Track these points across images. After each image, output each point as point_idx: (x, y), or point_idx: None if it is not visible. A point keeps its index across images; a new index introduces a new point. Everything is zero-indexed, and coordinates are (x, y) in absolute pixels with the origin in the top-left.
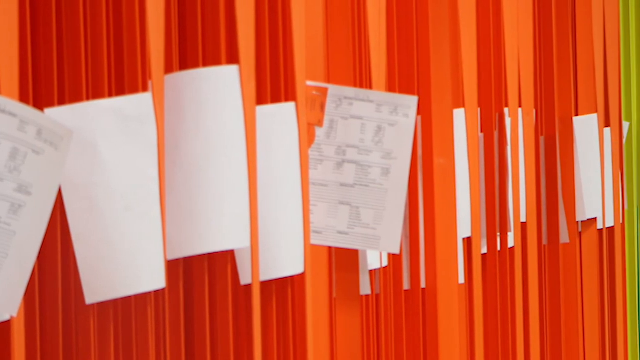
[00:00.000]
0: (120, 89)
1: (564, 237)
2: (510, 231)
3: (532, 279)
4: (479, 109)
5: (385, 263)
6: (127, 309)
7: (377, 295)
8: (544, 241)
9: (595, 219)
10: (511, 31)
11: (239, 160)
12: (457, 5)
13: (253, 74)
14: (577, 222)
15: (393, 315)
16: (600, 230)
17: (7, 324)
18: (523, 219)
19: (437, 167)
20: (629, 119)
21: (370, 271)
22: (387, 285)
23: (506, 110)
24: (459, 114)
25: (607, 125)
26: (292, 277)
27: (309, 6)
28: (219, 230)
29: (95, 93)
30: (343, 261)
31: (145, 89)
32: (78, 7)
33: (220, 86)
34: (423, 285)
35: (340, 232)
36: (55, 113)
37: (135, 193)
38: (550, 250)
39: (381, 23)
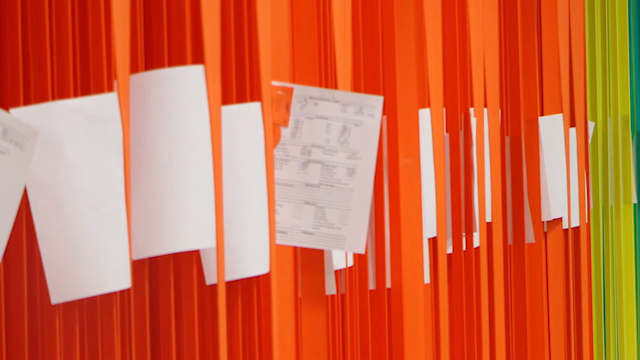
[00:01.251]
0: (85, 88)
1: (530, 237)
2: (475, 231)
3: (497, 279)
4: (444, 109)
5: (350, 263)
6: (92, 309)
7: (343, 295)
8: (510, 241)
9: (561, 219)
10: (477, 31)
11: (204, 160)
12: (423, 6)
13: (218, 73)
14: (543, 222)
15: (358, 315)
16: (566, 230)
17: None
18: (488, 219)
19: (402, 167)
20: (594, 119)
21: (336, 271)
22: (353, 285)
23: (472, 110)
24: (425, 114)
25: (573, 125)
26: (257, 277)
27: (274, 6)
28: (184, 230)
29: (61, 93)
30: (308, 261)
31: (110, 89)
32: (43, 7)
33: (185, 86)
34: (388, 285)
35: (305, 232)
36: (21, 113)
37: (101, 193)
38: (515, 250)
39: (346, 23)
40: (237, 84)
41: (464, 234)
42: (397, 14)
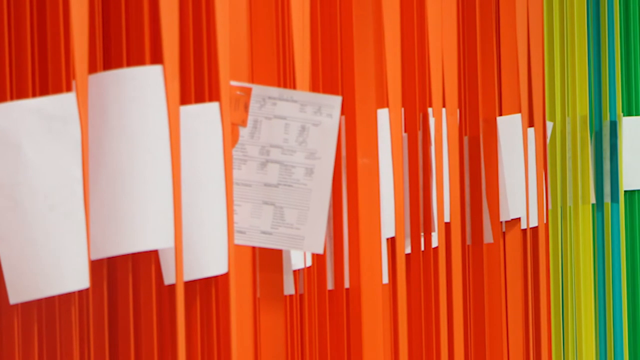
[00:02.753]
0: (44, 89)
1: (488, 237)
2: (434, 231)
3: (455, 278)
4: (402, 109)
5: (309, 263)
6: (51, 309)
7: (301, 295)
8: (468, 241)
9: (519, 219)
10: (435, 31)
11: (162, 160)
12: (381, 6)
13: (177, 74)
14: (501, 222)
15: (317, 315)
16: (524, 230)
17: None
18: (447, 219)
19: (360, 167)
20: (553, 119)
21: (294, 271)
22: (311, 285)
23: (430, 110)
24: (383, 114)
25: (531, 125)
26: (216, 277)
27: (232, 6)
28: (143, 230)
29: (19, 93)
30: (267, 261)
31: (69, 89)
32: (2, 7)
33: (144, 86)
34: (347, 285)
35: (264, 232)
36: None
37: (59, 193)
38: (474, 250)
39: (305, 23)
40: (196, 84)
41: (422, 234)
42: (355, 14)
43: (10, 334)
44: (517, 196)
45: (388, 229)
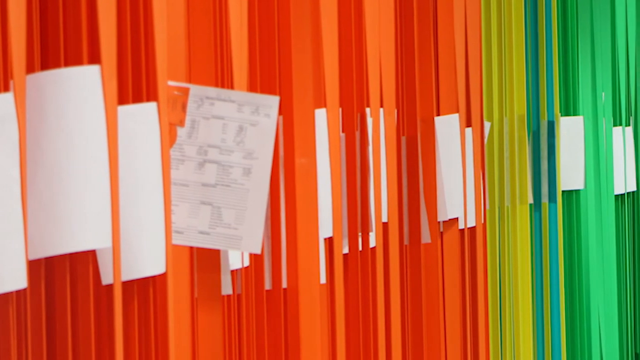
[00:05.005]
0: None
1: (426, 237)
2: (371, 231)
3: (393, 278)
4: (340, 109)
5: (246, 263)
6: None
7: (239, 295)
8: (406, 241)
9: (457, 219)
10: (372, 31)
11: (100, 160)
12: (319, 5)
13: (114, 73)
14: (439, 222)
15: (254, 315)
16: (462, 230)
17: None
18: (384, 219)
19: (298, 167)
20: (490, 118)
21: (232, 271)
22: (249, 285)
23: (368, 110)
24: (321, 114)
25: (469, 125)
26: (153, 277)
27: (170, 6)
28: (81, 230)
29: None
30: (204, 261)
31: (6, 89)
32: None
33: (81, 86)
34: (284, 285)
35: (201, 232)
36: None
37: None
38: (411, 250)
39: (242, 22)
40: (133, 84)
41: (360, 233)
42: (293, 13)
43: None
44: (455, 196)
45: (326, 229)
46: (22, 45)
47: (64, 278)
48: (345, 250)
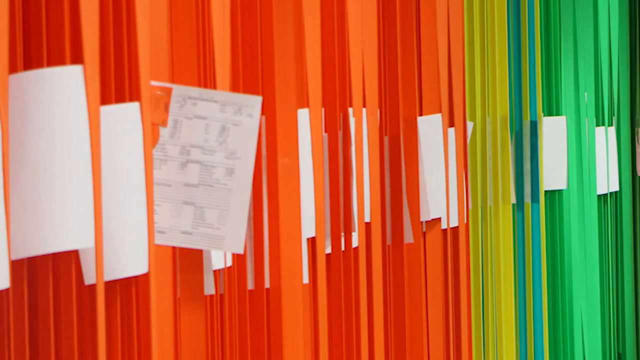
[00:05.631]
0: None
1: (408, 237)
2: (354, 231)
3: (376, 278)
4: (323, 109)
5: (229, 263)
6: None
7: (222, 295)
8: (388, 241)
9: (440, 219)
10: (355, 31)
11: (83, 160)
12: (301, 6)
13: (97, 74)
14: (422, 222)
15: (237, 315)
16: (445, 230)
17: None
18: (367, 219)
19: (281, 167)
20: (473, 119)
21: (215, 271)
22: (231, 285)
23: (350, 110)
24: (303, 114)
25: (451, 125)
26: (136, 277)
27: (153, 6)
28: (63, 230)
29: None
30: (187, 261)
31: None
32: None
33: (64, 86)
34: (267, 285)
35: (184, 232)
36: None
37: None
38: (394, 250)
39: (225, 23)
40: (116, 84)
41: (342, 234)
42: (275, 14)
43: None
44: (438, 196)
45: (308, 229)
46: (5, 45)
47: (46, 278)
48: (328, 250)
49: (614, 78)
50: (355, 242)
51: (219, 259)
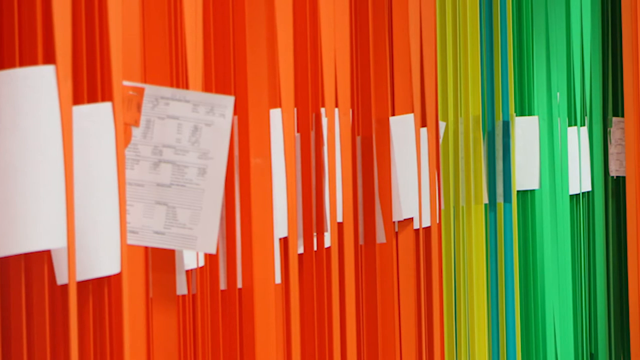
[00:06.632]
0: None
1: (381, 237)
2: (326, 231)
3: (348, 278)
4: (295, 109)
5: (201, 263)
6: None
7: (194, 295)
8: (361, 241)
9: (412, 219)
10: (328, 31)
11: (55, 161)
12: (274, 6)
13: (69, 74)
14: (394, 222)
15: (209, 315)
16: (417, 230)
17: None
18: (340, 219)
19: (253, 167)
20: (445, 119)
21: (187, 271)
22: (204, 285)
23: (323, 110)
24: (276, 114)
25: (424, 125)
26: (108, 277)
27: (125, 6)
28: (35, 230)
29: None
30: (159, 261)
31: None
32: None
33: (36, 86)
34: (239, 285)
35: (156, 232)
36: None
37: None
38: (366, 250)
39: (197, 23)
40: (88, 84)
41: (315, 233)
42: (248, 13)
43: None
44: (410, 196)
45: (281, 229)
46: None
47: (18, 278)
48: (301, 250)
49: (586, 78)
50: (327, 242)
51: (191, 259)
